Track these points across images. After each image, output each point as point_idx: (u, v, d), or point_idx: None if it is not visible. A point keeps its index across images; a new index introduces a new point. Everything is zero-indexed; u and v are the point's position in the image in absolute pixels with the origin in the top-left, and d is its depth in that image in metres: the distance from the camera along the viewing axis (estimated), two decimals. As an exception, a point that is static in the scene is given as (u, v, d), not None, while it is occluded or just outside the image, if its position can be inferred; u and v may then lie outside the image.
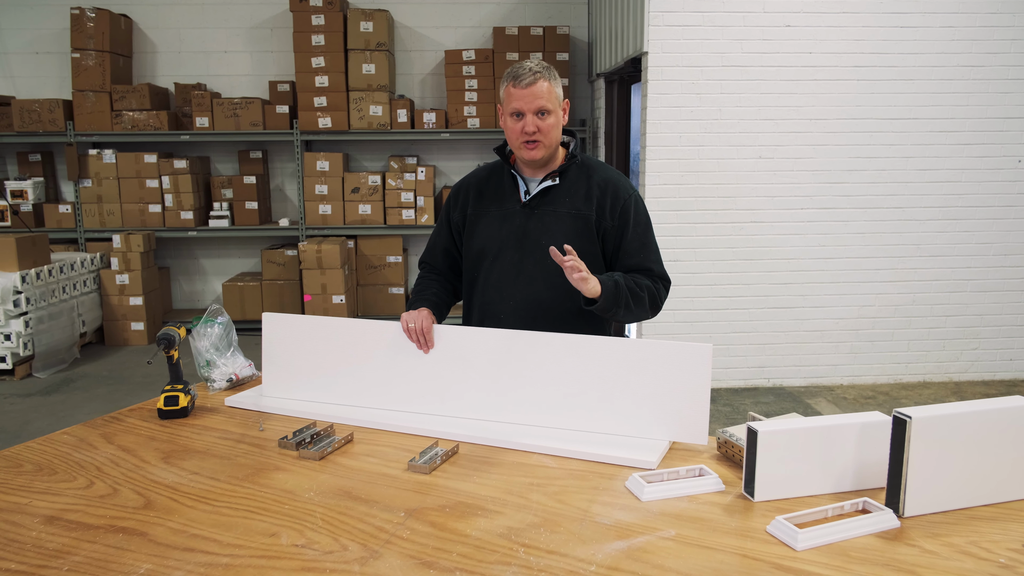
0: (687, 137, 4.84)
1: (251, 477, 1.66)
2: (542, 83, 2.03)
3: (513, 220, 2.17)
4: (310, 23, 6.40)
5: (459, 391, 1.98)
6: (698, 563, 1.29)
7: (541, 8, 6.96)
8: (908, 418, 1.40)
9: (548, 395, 1.89)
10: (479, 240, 2.21)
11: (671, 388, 1.77)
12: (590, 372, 1.86)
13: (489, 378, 1.95)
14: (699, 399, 1.75)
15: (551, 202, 2.15)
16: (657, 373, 1.79)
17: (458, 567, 1.29)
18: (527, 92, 2.03)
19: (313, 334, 2.13)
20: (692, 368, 1.76)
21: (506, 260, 2.17)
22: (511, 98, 2.06)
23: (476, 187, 2.26)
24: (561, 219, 2.14)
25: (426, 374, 2.01)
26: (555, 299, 2.13)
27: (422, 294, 2.25)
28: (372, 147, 7.09)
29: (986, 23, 4.81)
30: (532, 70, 2.04)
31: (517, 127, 2.06)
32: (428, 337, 2.01)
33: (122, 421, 2.03)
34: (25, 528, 1.44)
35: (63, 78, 6.75)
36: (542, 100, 2.03)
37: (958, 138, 4.93)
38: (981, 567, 1.27)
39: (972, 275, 5.09)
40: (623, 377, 1.82)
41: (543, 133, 2.06)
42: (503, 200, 2.20)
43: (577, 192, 2.15)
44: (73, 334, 5.94)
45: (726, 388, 5.08)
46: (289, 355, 2.15)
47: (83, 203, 6.56)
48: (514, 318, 2.14)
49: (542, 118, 2.05)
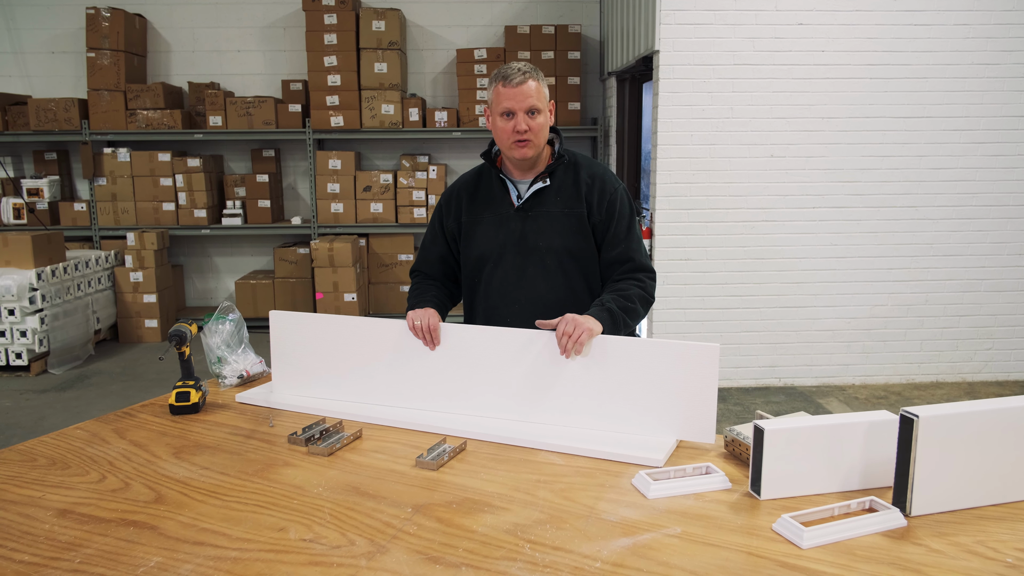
0: (699, 136, 4.82)
1: (261, 472, 1.68)
2: (531, 82, 2.05)
3: (509, 224, 2.18)
4: (322, 22, 6.43)
5: (467, 390, 1.99)
6: (703, 560, 1.30)
7: (553, 7, 6.95)
8: (915, 417, 1.39)
9: (556, 394, 1.90)
10: (478, 246, 2.22)
11: (678, 387, 1.78)
12: (598, 371, 1.86)
13: (497, 377, 1.96)
14: (706, 398, 1.75)
15: (544, 203, 2.17)
16: (665, 372, 1.79)
17: (464, 562, 1.30)
18: (517, 91, 2.05)
19: (320, 332, 2.15)
20: (699, 367, 1.76)
21: (507, 264, 2.18)
22: (501, 98, 2.07)
23: (467, 193, 2.27)
24: (556, 219, 2.15)
25: (434, 373, 2.02)
26: (558, 300, 2.14)
27: (422, 296, 2.24)
28: (384, 146, 7.12)
29: (1001, 20, 4.76)
30: (521, 70, 2.06)
31: (508, 126, 2.08)
32: (435, 335, 2.02)
33: (134, 416, 2.05)
34: (38, 521, 1.46)
35: (78, 77, 6.82)
36: (532, 99, 2.05)
37: (972, 136, 4.89)
38: (988, 567, 1.27)
39: (986, 274, 5.05)
40: (631, 376, 1.83)
41: (534, 132, 2.08)
42: (495, 205, 2.21)
43: (566, 190, 2.17)
44: (88, 331, 6.00)
45: (737, 387, 5.07)
46: (298, 353, 2.17)
47: (98, 201, 6.62)
48: (519, 320, 2.13)
49: (532, 117, 2.07)
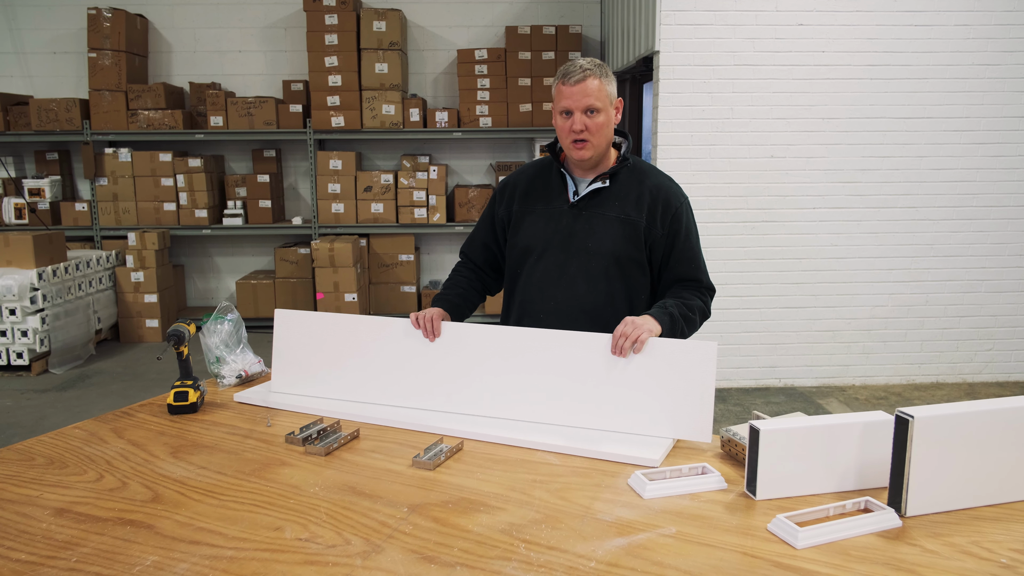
0: (699, 136, 4.82)
1: (258, 472, 1.68)
2: (592, 80, 1.99)
3: (560, 220, 2.14)
4: (323, 23, 6.43)
5: (466, 387, 1.99)
6: (697, 560, 1.30)
7: (554, 7, 6.96)
8: (910, 417, 1.39)
9: (554, 391, 1.90)
10: (524, 237, 2.18)
11: (676, 386, 1.78)
12: (596, 368, 1.87)
13: (496, 374, 1.97)
14: (703, 397, 1.76)
15: (600, 204, 2.11)
16: (662, 371, 1.80)
17: (459, 562, 1.30)
18: (576, 89, 1.99)
19: (324, 330, 2.16)
20: (697, 366, 1.77)
21: (550, 260, 2.14)
22: (561, 96, 2.03)
23: (524, 183, 2.23)
24: (609, 223, 2.10)
25: (433, 370, 2.03)
26: (596, 303, 2.11)
27: (448, 291, 2.25)
28: (385, 146, 7.12)
29: (1002, 21, 4.76)
30: (583, 67, 2.00)
31: (566, 125, 2.03)
32: (436, 326, 2.03)
33: (132, 416, 2.06)
34: (35, 520, 1.47)
35: (80, 77, 6.83)
36: (591, 98, 1.99)
37: (972, 137, 4.89)
38: (982, 567, 1.27)
39: (986, 275, 5.05)
40: (628, 374, 1.83)
41: (591, 132, 2.02)
42: (551, 198, 2.17)
43: (628, 196, 2.11)
44: (89, 331, 6.01)
45: (736, 388, 5.07)
46: (299, 350, 2.18)
47: (99, 201, 6.63)
48: (554, 318, 2.11)
49: (591, 116, 2.01)
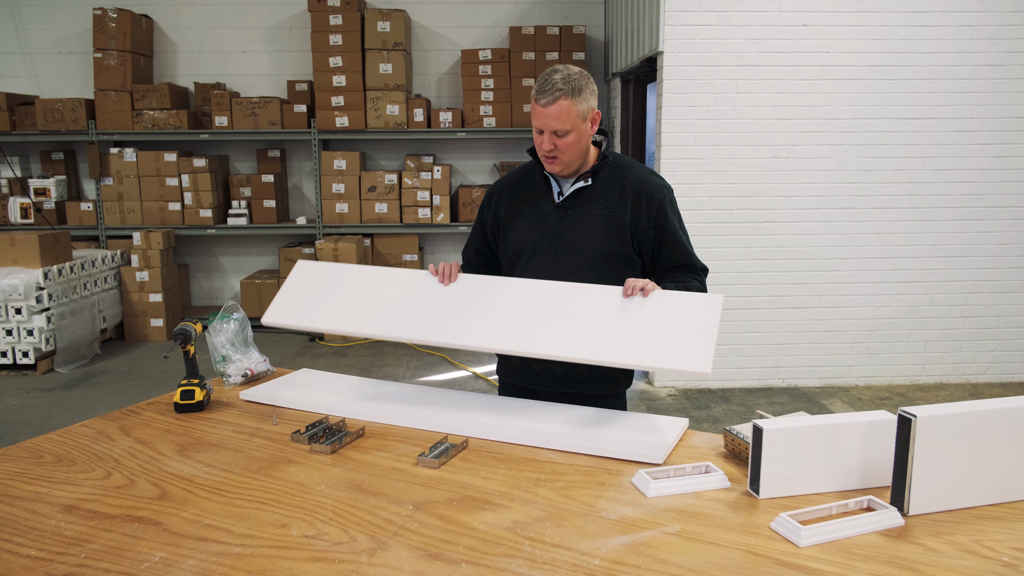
0: (702, 136, 4.83)
1: (264, 470, 1.69)
2: (562, 102, 2.00)
3: (547, 221, 2.18)
4: (328, 23, 6.45)
5: (481, 322, 2.00)
6: (700, 558, 1.31)
7: (558, 7, 6.97)
8: (913, 417, 1.40)
9: (566, 327, 1.93)
10: (514, 240, 2.23)
11: (682, 326, 1.84)
12: (608, 310, 1.92)
13: (511, 312, 2.00)
14: (706, 335, 1.80)
15: (585, 203, 2.16)
16: (671, 314, 1.87)
17: (464, 559, 1.31)
18: (545, 112, 2.02)
19: (339, 273, 2.24)
20: (704, 313, 1.84)
21: (540, 260, 2.18)
22: (534, 112, 2.06)
23: (509, 189, 2.28)
24: (594, 220, 2.14)
25: (447, 307, 2.06)
26: None
27: None
28: (389, 146, 7.14)
29: (1006, 22, 4.76)
30: (555, 86, 2.00)
31: (539, 140, 2.09)
32: (453, 272, 2.11)
33: (139, 414, 2.07)
34: (44, 516, 1.48)
35: (85, 78, 6.86)
36: (559, 122, 2.01)
37: (976, 138, 4.89)
38: (984, 566, 1.28)
39: (990, 276, 5.05)
40: (640, 314, 1.89)
41: (560, 151, 2.06)
42: (536, 200, 2.21)
43: (611, 193, 2.15)
44: (94, 330, 6.03)
45: (740, 388, 5.07)
46: (307, 290, 2.22)
47: (104, 201, 6.66)
48: None
49: (560, 137, 2.04)
